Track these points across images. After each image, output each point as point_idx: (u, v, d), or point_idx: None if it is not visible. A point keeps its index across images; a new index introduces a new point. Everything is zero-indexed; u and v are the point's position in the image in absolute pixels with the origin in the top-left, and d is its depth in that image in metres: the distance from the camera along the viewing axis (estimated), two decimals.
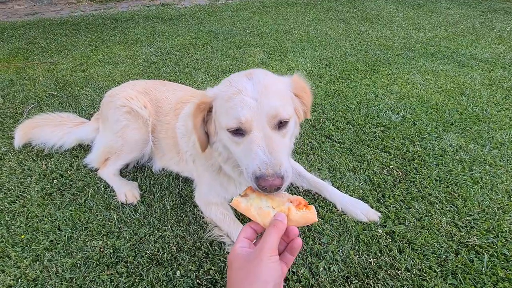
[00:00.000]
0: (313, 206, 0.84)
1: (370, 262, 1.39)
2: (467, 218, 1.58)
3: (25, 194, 1.78)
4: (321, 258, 1.41)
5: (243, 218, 1.60)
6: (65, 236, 1.53)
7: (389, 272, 1.35)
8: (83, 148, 2.13)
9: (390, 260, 1.39)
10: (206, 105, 1.19)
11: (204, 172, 1.55)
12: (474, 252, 1.42)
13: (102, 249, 1.47)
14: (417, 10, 6.02)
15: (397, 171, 1.92)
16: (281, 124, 1.08)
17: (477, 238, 1.47)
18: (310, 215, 0.81)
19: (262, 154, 0.97)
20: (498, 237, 1.48)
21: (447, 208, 1.65)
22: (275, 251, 0.74)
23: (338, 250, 1.44)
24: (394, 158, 2.03)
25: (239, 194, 0.90)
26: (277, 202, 0.87)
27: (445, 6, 6.25)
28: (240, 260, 0.74)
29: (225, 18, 5.59)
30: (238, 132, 1.06)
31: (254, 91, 1.06)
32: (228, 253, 1.45)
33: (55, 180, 1.88)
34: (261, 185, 0.93)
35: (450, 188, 1.78)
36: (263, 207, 0.84)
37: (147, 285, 1.31)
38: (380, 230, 1.53)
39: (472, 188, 1.77)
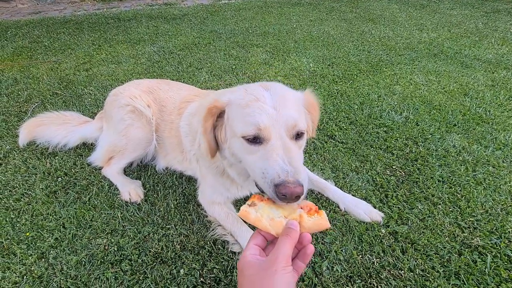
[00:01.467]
0: (324, 212, 0.82)
1: (373, 262, 1.39)
2: (470, 219, 1.58)
3: (29, 192, 1.80)
4: (324, 257, 1.41)
5: None
6: (69, 234, 1.54)
7: (392, 272, 1.35)
8: (87, 147, 2.14)
9: (393, 260, 1.40)
10: (218, 109, 1.17)
11: (207, 173, 1.56)
12: (477, 253, 1.42)
13: (106, 247, 1.48)
14: (420, 10, 6.00)
15: (400, 172, 1.92)
16: (298, 136, 1.07)
17: (480, 239, 1.47)
18: (322, 221, 0.80)
19: (281, 162, 0.94)
20: (501, 238, 1.48)
21: (450, 209, 1.65)
22: (289, 261, 0.74)
23: (341, 250, 1.44)
24: (397, 159, 2.03)
25: (246, 204, 0.85)
26: (288, 210, 0.85)
27: (448, 7, 6.24)
28: (252, 268, 0.74)
29: (227, 17, 5.59)
30: (255, 141, 1.03)
31: (273, 100, 1.05)
32: (231, 252, 1.46)
33: (60, 178, 1.89)
34: (281, 192, 0.88)
35: (453, 189, 1.78)
36: (275, 217, 0.81)
37: (151, 283, 1.32)
38: (383, 230, 1.53)
39: (475, 189, 1.77)
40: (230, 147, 1.17)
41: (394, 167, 1.96)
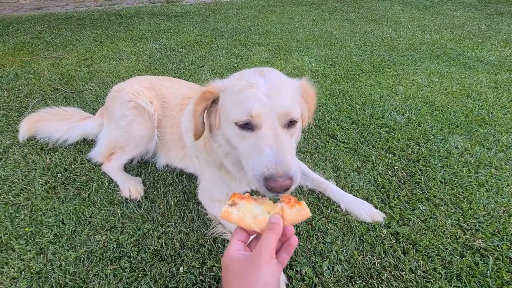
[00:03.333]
0: (303, 201, 0.83)
1: (374, 263, 1.38)
2: (472, 221, 1.57)
3: (29, 187, 1.79)
4: (325, 257, 1.40)
5: None
6: (69, 230, 1.53)
7: (393, 273, 1.34)
8: (87, 143, 2.13)
9: (394, 261, 1.39)
10: (212, 95, 1.17)
11: (206, 168, 1.55)
12: (479, 255, 1.41)
13: (105, 244, 1.47)
14: (423, 11, 5.98)
15: (401, 172, 1.91)
16: (290, 124, 1.06)
17: (482, 241, 1.46)
18: (303, 211, 0.81)
19: (271, 153, 0.94)
20: (504, 240, 1.47)
21: (452, 210, 1.64)
22: (273, 254, 0.75)
23: (342, 250, 1.43)
24: (399, 159, 2.02)
25: (227, 204, 0.83)
26: (270, 205, 0.85)
27: (451, 8, 6.22)
28: (237, 264, 0.74)
29: (230, 16, 5.58)
30: (247, 126, 1.03)
31: (267, 87, 1.04)
32: None
33: (59, 174, 1.88)
34: (270, 186, 0.89)
35: (455, 190, 1.77)
36: (258, 215, 0.81)
37: (150, 281, 1.31)
38: (384, 231, 1.52)
39: (477, 190, 1.76)
40: (224, 133, 1.17)
41: (396, 167, 1.95)
